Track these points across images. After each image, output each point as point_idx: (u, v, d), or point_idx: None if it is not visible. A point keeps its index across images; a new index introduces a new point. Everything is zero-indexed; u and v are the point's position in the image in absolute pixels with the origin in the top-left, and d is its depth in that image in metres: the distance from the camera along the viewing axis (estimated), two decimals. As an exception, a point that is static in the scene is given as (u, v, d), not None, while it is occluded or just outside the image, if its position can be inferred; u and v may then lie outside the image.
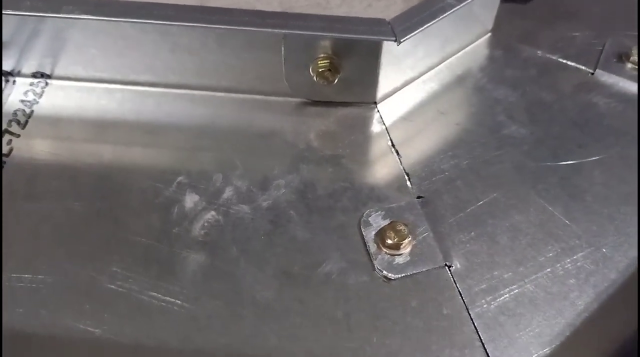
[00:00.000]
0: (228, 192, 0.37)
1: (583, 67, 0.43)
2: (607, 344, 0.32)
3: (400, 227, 0.35)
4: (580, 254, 0.35)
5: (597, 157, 0.39)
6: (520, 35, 0.45)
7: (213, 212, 0.37)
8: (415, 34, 0.36)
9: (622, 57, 0.43)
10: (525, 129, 0.40)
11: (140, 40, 0.39)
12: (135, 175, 0.38)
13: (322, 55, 0.38)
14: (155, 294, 0.33)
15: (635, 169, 0.38)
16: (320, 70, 0.38)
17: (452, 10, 0.37)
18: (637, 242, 0.35)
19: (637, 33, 0.45)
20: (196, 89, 0.42)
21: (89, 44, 0.40)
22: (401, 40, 0.36)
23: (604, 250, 0.35)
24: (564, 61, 0.44)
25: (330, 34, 0.36)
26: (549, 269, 0.35)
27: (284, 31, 0.36)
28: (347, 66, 0.38)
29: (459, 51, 0.44)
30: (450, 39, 0.42)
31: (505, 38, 0.45)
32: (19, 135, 0.40)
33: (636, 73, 0.43)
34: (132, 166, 0.39)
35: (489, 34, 0.45)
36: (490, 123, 0.41)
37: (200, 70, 0.41)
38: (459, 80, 0.43)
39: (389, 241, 0.35)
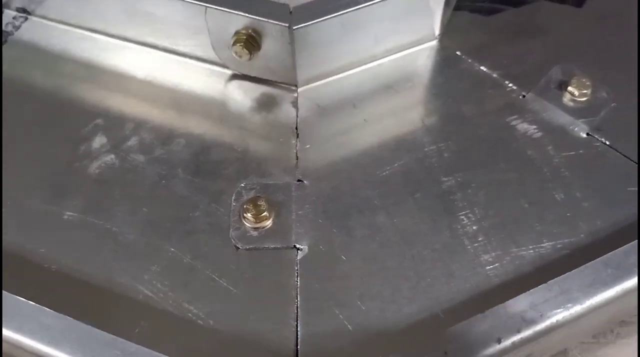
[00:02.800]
0: (133, 141, 0.41)
1: (517, 89, 0.43)
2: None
3: (261, 203, 0.37)
4: (427, 265, 0.36)
5: (489, 178, 0.39)
6: (468, 47, 0.45)
7: (113, 156, 0.40)
8: (310, 24, 0.38)
9: (562, 86, 0.42)
10: (429, 138, 0.41)
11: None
12: (67, 109, 0.43)
13: (242, 31, 0.40)
14: (43, 212, 0.38)
15: (523, 198, 0.38)
16: (235, 44, 0.40)
17: (354, 8, 0.38)
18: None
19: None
20: (144, 44, 0.45)
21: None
22: (294, 28, 0.37)
23: (452, 267, 0.35)
24: (501, 79, 0.43)
25: (230, 11, 0.38)
26: (389, 272, 0.35)
27: (204, 5, 0.39)
28: (265, 46, 0.40)
29: (397, 52, 0.44)
30: (383, 38, 0.42)
31: (451, 47, 0.45)
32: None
33: (572, 104, 0.42)
34: (68, 100, 0.43)
35: (436, 41, 0.45)
36: (397, 125, 0.41)
37: (147, 29, 0.44)
38: (386, 80, 0.43)
39: (248, 214, 0.37)
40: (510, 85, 0.43)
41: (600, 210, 0.37)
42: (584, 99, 0.41)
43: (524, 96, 0.42)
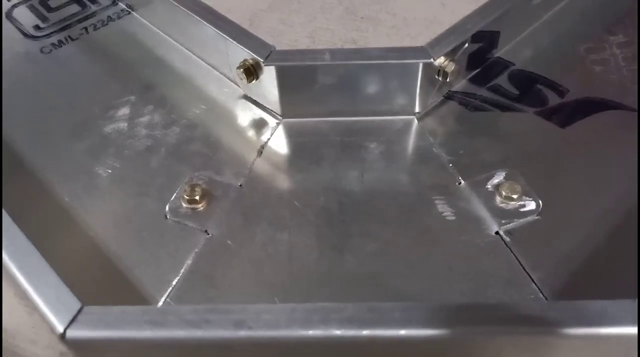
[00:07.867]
0: (145, 118, 0.52)
1: (456, 175, 0.47)
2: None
3: (197, 190, 0.46)
4: (295, 283, 0.41)
5: (386, 235, 0.43)
6: (439, 131, 0.50)
7: (125, 124, 0.52)
8: (280, 65, 0.46)
9: (498, 187, 0.46)
10: (360, 189, 0.46)
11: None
12: (118, 80, 0.56)
13: (248, 60, 0.50)
14: (56, 141, 0.51)
15: (404, 260, 0.42)
16: (238, 69, 0.50)
17: (324, 63, 0.46)
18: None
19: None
20: (191, 52, 0.58)
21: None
22: (265, 64, 0.46)
23: (312, 293, 0.41)
24: (448, 164, 0.48)
25: (236, 44, 0.48)
26: (264, 277, 0.42)
27: (224, 36, 0.50)
28: (261, 77, 0.50)
29: (376, 116, 0.51)
30: (362, 99, 0.50)
31: (422, 126, 0.50)
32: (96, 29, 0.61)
33: (498, 204, 0.45)
34: (123, 75, 0.56)
35: (414, 117, 0.51)
36: (340, 173, 0.47)
37: (194, 42, 0.57)
38: (355, 136, 0.50)
39: (185, 195, 0.46)
40: (453, 171, 0.47)
41: (467, 295, 0.40)
42: (511, 203, 0.45)
43: (459, 183, 0.47)
